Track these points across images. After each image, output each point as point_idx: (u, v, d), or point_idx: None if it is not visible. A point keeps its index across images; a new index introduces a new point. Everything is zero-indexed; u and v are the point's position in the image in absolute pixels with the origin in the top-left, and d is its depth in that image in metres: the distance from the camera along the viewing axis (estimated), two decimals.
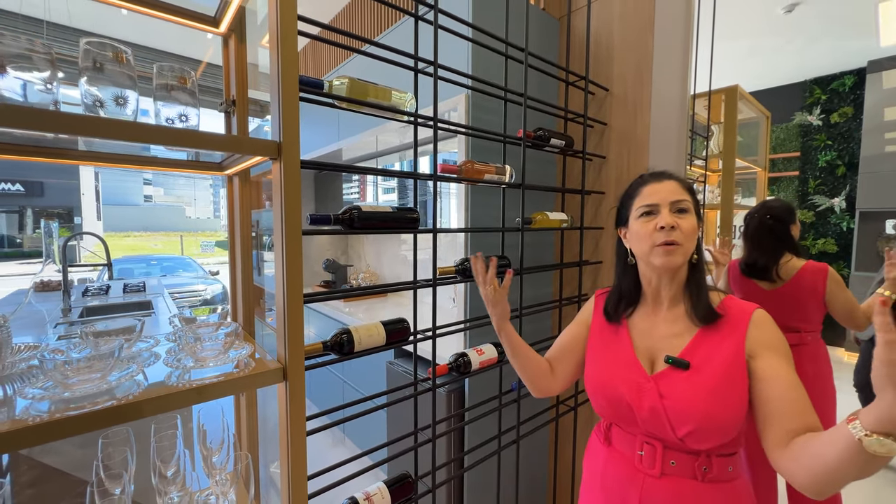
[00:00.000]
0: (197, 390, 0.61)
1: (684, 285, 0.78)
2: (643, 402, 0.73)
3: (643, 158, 1.56)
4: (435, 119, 1.04)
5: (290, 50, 0.64)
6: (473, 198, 1.48)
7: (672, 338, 0.76)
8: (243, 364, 0.70)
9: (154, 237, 20.18)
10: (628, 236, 0.83)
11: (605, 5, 1.62)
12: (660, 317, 0.80)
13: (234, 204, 0.94)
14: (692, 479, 0.71)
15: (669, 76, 1.46)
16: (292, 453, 0.68)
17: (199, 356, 0.69)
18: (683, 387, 0.70)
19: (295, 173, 0.66)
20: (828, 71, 4.28)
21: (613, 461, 0.81)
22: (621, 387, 0.76)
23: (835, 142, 4.35)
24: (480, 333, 1.51)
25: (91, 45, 0.61)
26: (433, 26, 1.02)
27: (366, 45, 1.77)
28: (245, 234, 0.93)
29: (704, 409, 0.67)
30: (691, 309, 0.76)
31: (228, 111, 0.90)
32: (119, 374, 0.61)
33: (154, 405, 0.57)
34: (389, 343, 1.03)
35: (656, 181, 0.79)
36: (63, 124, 0.51)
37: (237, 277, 0.94)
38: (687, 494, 0.71)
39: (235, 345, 0.73)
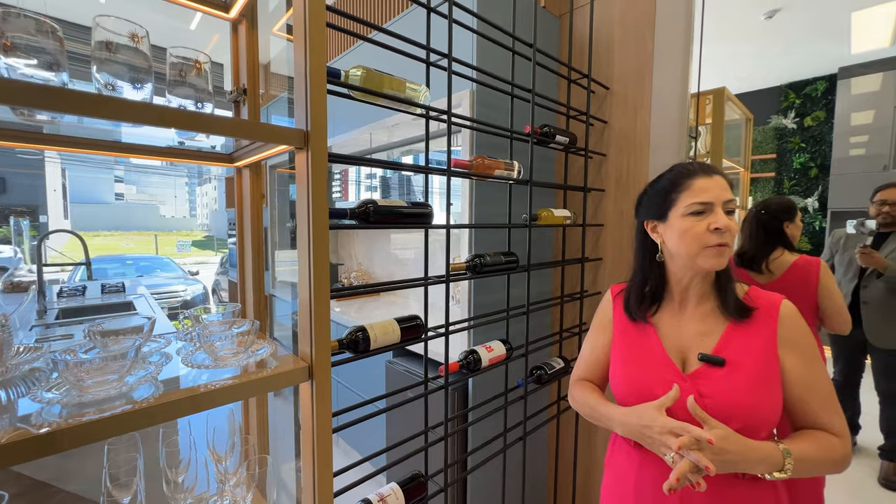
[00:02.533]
0: (224, 391, 0.57)
1: (714, 282, 0.77)
2: (682, 403, 0.71)
3: (643, 157, 1.58)
4: (449, 113, 1.02)
5: (319, 36, 0.62)
6: (478, 193, 1.47)
7: (702, 336, 0.75)
8: (267, 363, 0.67)
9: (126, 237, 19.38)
10: (666, 232, 0.78)
11: (606, 5, 1.64)
12: (686, 314, 0.79)
13: (243, 197, 0.90)
14: (732, 477, 0.70)
15: (669, 76, 1.49)
16: (319, 454, 0.66)
17: (218, 355, 0.66)
18: (723, 384, 0.69)
19: (323, 164, 0.63)
20: (802, 76, 4.47)
21: (648, 464, 0.77)
22: (656, 388, 0.74)
23: (808, 144, 4.54)
24: (480, 332, 1.50)
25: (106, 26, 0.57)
26: (448, 20, 1.00)
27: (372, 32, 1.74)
28: (255, 229, 0.89)
29: (750, 405, 0.67)
30: (722, 305, 0.75)
31: (238, 100, 0.86)
32: (137, 376, 0.57)
33: (180, 407, 0.54)
34: (403, 340, 1.01)
35: (706, 176, 0.74)
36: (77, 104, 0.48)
37: (246, 274, 0.90)
38: (727, 494, 0.70)
39: (256, 343, 0.70)
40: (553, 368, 1.47)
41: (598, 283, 1.74)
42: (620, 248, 1.66)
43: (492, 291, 1.52)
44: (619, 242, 1.67)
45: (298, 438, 1.58)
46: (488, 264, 1.20)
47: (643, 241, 0.84)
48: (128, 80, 0.60)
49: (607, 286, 1.70)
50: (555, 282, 1.83)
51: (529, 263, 1.35)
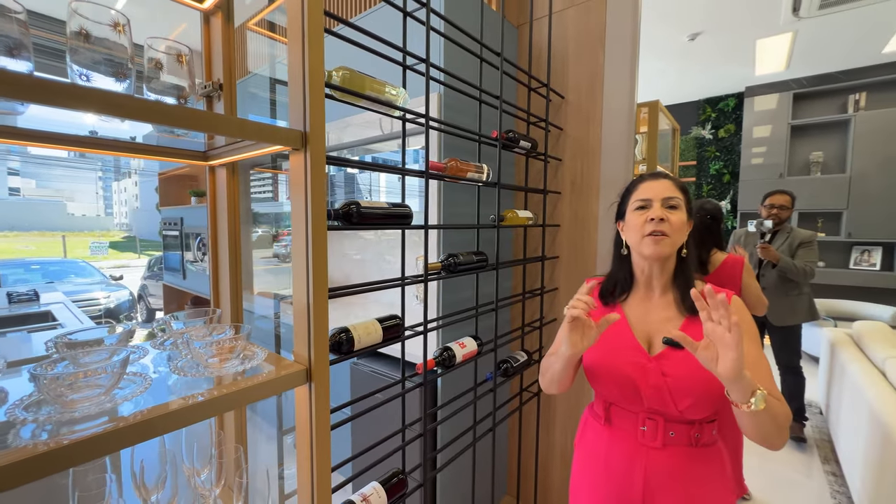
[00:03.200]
0: (221, 399, 0.55)
1: (672, 277, 0.88)
2: (648, 381, 0.81)
3: (595, 162, 1.71)
4: (427, 117, 1.05)
5: (317, 37, 0.62)
6: (445, 195, 1.51)
7: (666, 322, 0.86)
8: (261, 367, 0.65)
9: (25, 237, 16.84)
10: (624, 228, 0.91)
11: (562, 20, 1.75)
12: (653, 302, 0.89)
13: (217, 197, 0.86)
14: (688, 446, 0.82)
15: (618, 88, 1.63)
16: (317, 459, 0.65)
17: (209, 362, 0.63)
18: (682, 365, 0.80)
19: (322, 166, 0.63)
20: (717, 93, 5.04)
21: (617, 439, 0.87)
22: (627, 368, 0.84)
23: (722, 153, 5.14)
24: (447, 330, 1.53)
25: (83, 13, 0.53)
26: (426, 27, 1.02)
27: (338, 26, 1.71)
28: (233, 231, 0.85)
29: (704, 382, 0.77)
30: (681, 299, 0.86)
31: (211, 95, 0.82)
32: (127, 389, 0.53)
33: (177, 419, 0.52)
34: (385, 340, 1.02)
35: (652, 180, 0.88)
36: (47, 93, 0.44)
37: (221, 278, 0.86)
38: (684, 460, 0.82)
39: (247, 348, 0.68)
40: (518, 361, 1.55)
41: (554, 279, 1.86)
42: (575, 246, 1.79)
43: (456, 290, 1.57)
44: (573, 241, 1.79)
45: (282, 443, 1.52)
46: (462, 263, 1.24)
47: (616, 239, 0.96)
48: (104, 73, 0.56)
49: (563, 282, 1.83)
50: (515, 279, 1.92)
51: (498, 262, 1.41)
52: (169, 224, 3.25)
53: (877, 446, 1.69)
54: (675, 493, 0.82)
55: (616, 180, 1.65)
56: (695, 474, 0.82)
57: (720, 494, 0.84)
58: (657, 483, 0.83)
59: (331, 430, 0.71)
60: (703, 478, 0.83)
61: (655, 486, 0.83)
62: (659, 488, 0.83)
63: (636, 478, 0.84)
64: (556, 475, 1.87)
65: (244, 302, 0.94)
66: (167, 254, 3.36)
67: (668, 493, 0.82)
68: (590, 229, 1.74)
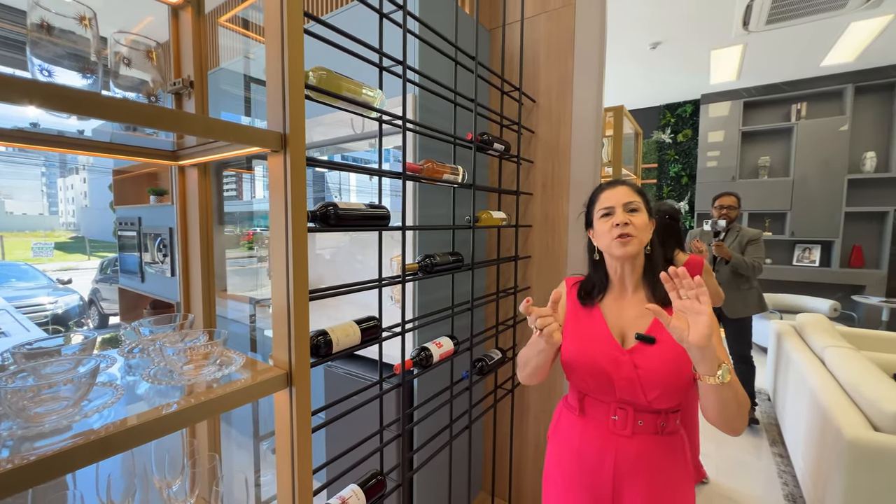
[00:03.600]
0: (200, 407, 0.54)
1: (642, 274, 0.95)
2: (621, 373, 0.87)
3: (565, 165, 1.77)
4: (404, 119, 1.05)
5: (296, 35, 0.61)
6: (420, 196, 1.51)
7: (638, 318, 0.92)
8: (238, 373, 0.64)
9: None
10: (594, 235, 0.97)
11: (533, 25, 1.80)
12: (626, 300, 0.95)
13: (186, 198, 0.83)
14: (654, 434, 0.88)
15: (587, 93, 1.69)
16: (299, 464, 0.65)
17: (183, 369, 0.61)
18: (653, 358, 0.86)
19: (302, 167, 0.63)
20: (676, 99, 5.31)
21: (589, 428, 0.93)
22: (601, 360, 0.89)
23: (680, 157, 5.42)
24: (422, 331, 1.54)
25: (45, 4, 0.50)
26: (402, 29, 1.03)
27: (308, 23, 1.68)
28: (205, 233, 0.82)
29: (669, 375, 0.83)
30: (651, 295, 0.92)
31: (181, 93, 0.79)
32: (97, 401, 0.51)
33: (154, 429, 0.50)
34: (363, 342, 1.02)
35: (611, 188, 0.95)
36: None
37: (193, 282, 0.83)
38: (651, 447, 0.88)
39: (224, 354, 0.66)
40: (493, 359, 1.58)
41: (527, 278, 1.90)
42: (546, 246, 1.84)
43: (430, 291, 1.58)
44: (545, 242, 1.84)
45: (258, 449, 1.47)
46: (439, 264, 1.26)
47: (588, 246, 1.02)
48: (68, 67, 0.53)
49: (535, 281, 1.88)
50: (489, 278, 1.95)
51: (473, 262, 1.44)
52: (125, 224, 3.07)
53: (817, 428, 1.85)
54: (642, 478, 0.88)
55: (585, 182, 1.71)
56: (660, 460, 0.88)
57: (681, 477, 0.91)
58: (626, 468, 0.88)
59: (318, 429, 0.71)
60: (666, 463, 0.89)
61: (624, 471, 0.89)
62: (627, 473, 0.88)
63: (607, 464, 0.90)
64: (529, 468, 1.92)
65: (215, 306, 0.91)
66: (123, 255, 3.17)
67: (635, 477, 0.88)
68: (560, 229, 1.79)
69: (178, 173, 0.83)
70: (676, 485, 0.89)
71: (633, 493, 0.88)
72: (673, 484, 0.89)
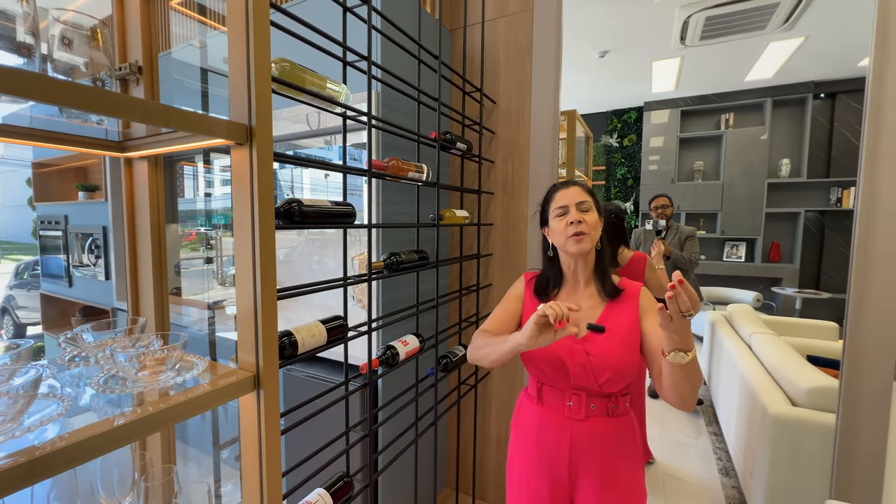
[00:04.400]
0: (161, 415, 0.51)
1: (593, 269, 1.01)
2: (575, 360, 0.93)
3: (525, 165, 1.83)
4: (369, 115, 1.04)
5: (262, 23, 0.59)
6: (382, 194, 1.50)
7: (590, 310, 0.98)
8: (201, 378, 0.60)
9: None
10: (550, 233, 1.02)
11: (493, 28, 1.84)
12: (579, 294, 1.01)
13: (134, 194, 0.76)
14: (605, 417, 0.94)
15: (544, 96, 1.76)
16: (267, 471, 0.62)
17: (137, 376, 0.57)
18: (603, 345, 0.92)
19: (269, 162, 0.60)
20: (622, 105, 5.64)
21: (547, 415, 0.99)
22: (558, 350, 0.94)
23: (626, 160, 5.77)
24: (386, 330, 1.53)
25: None
26: (367, 24, 1.01)
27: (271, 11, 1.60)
28: (157, 231, 0.76)
29: (618, 359, 0.90)
30: (601, 288, 0.99)
31: (127, 78, 0.73)
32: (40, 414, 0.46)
33: (109, 441, 0.46)
34: (329, 342, 0.99)
35: (565, 188, 1.00)
36: None
37: (143, 283, 0.77)
38: (602, 429, 0.94)
39: (184, 358, 0.62)
40: (457, 356, 1.60)
41: (488, 276, 1.95)
42: (507, 244, 1.89)
43: (394, 290, 1.57)
44: (506, 239, 1.89)
45: (218, 458, 1.38)
46: (404, 262, 1.25)
47: (544, 243, 1.07)
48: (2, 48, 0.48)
49: (497, 278, 1.93)
50: (451, 276, 1.97)
51: (438, 260, 1.45)
52: (48, 223, 2.76)
53: (745, 407, 2.05)
54: (595, 457, 0.94)
55: (543, 182, 1.78)
56: (611, 440, 0.96)
57: (632, 455, 0.98)
58: (580, 450, 0.95)
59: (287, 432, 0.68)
60: (617, 443, 0.96)
61: (579, 452, 0.95)
62: (582, 454, 0.95)
63: (563, 447, 0.96)
64: (492, 461, 1.97)
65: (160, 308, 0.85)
66: (45, 258, 2.85)
67: (589, 457, 0.95)
68: (520, 227, 1.85)
69: (125, 166, 0.76)
70: (627, 462, 0.97)
71: (587, 473, 0.95)
72: (624, 461, 0.96)
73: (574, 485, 0.97)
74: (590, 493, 0.95)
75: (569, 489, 0.98)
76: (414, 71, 1.43)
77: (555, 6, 1.71)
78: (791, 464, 1.63)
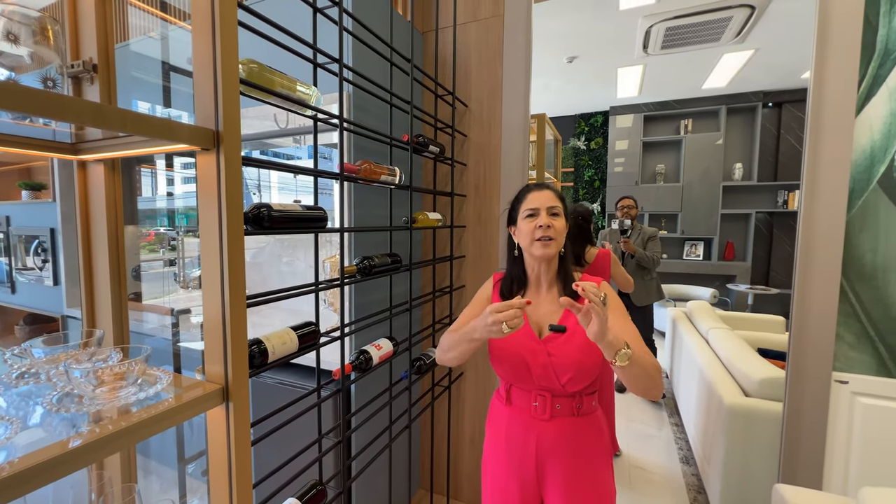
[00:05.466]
0: (119, 435, 0.48)
1: (556, 273, 1.03)
2: (537, 361, 0.95)
3: (496, 168, 1.86)
4: (341, 118, 1.03)
5: (230, 23, 0.57)
6: (355, 197, 1.48)
7: (553, 312, 1.00)
8: (165, 392, 0.58)
9: None
10: (516, 233, 1.03)
11: (465, 32, 1.86)
12: (542, 296, 1.03)
13: (89, 198, 0.72)
14: (571, 416, 0.97)
15: (515, 100, 1.80)
16: (238, 486, 0.61)
17: (95, 393, 0.54)
18: (564, 346, 0.95)
19: (237, 166, 0.59)
20: (589, 109, 5.82)
21: (515, 416, 1.01)
22: (522, 351, 0.97)
23: (593, 162, 5.95)
24: (359, 334, 1.52)
25: None
26: (338, 27, 1.00)
27: None
28: (115, 237, 0.72)
29: (578, 359, 0.93)
30: (562, 290, 1.01)
31: (80, 77, 0.68)
32: None
33: (62, 465, 0.43)
34: (301, 349, 0.97)
35: (538, 190, 1.02)
36: None
37: (100, 292, 0.72)
38: (568, 428, 0.97)
39: (147, 372, 0.59)
40: (430, 358, 1.61)
41: (462, 277, 1.96)
42: (480, 246, 1.91)
43: (367, 293, 1.55)
44: (478, 241, 1.92)
45: (184, 474, 1.31)
46: (377, 265, 1.25)
47: (509, 242, 1.08)
48: None
49: (469, 280, 1.94)
50: (425, 278, 1.98)
51: (411, 262, 1.45)
52: None
53: (703, 398, 2.17)
54: (560, 457, 0.97)
55: (514, 184, 1.81)
56: (577, 439, 0.98)
57: (598, 453, 1.01)
58: (546, 449, 0.97)
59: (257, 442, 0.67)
60: (583, 441, 0.99)
61: (545, 452, 0.97)
62: (548, 454, 0.97)
63: (530, 447, 0.98)
64: (466, 461, 1.99)
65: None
66: None
67: (555, 456, 0.97)
68: (492, 229, 1.88)
69: (79, 168, 0.71)
70: (594, 460, 0.99)
71: (554, 472, 0.97)
72: (590, 459, 0.99)
73: (542, 483, 1.00)
74: (557, 492, 0.97)
75: (537, 488, 1.00)
76: (386, 73, 1.42)
77: (525, 12, 1.75)
78: (744, 451, 1.74)
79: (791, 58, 3.90)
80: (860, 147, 1.31)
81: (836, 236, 1.33)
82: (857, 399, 1.33)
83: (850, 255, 1.33)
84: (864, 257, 1.31)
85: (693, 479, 2.23)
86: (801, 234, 1.37)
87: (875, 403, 1.31)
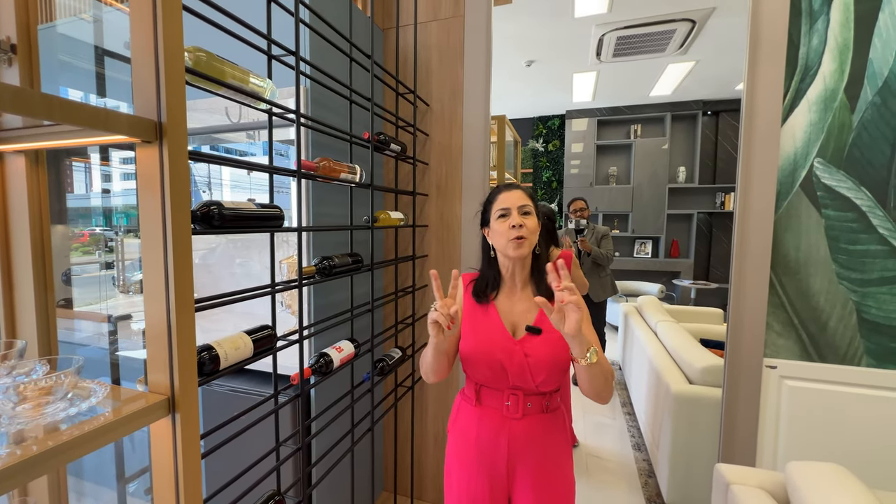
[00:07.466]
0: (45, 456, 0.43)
1: (530, 273, 1.05)
2: (513, 361, 0.96)
3: (457, 167, 1.87)
4: (298, 113, 0.99)
5: (174, 2, 0.53)
6: (314, 195, 1.44)
7: (526, 312, 1.01)
8: (101, 406, 0.53)
9: None
10: (490, 234, 1.04)
11: (426, 30, 1.85)
12: (517, 296, 1.04)
13: (6, 194, 0.64)
14: (540, 413, 0.99)
15: (476, 101, 1.81)
16: (187, 499, 0.57)
17: (16, 411, 0.48)
18: (539, 346, 0.96)
19: (183, 162, 0.55)
20: (547, 112, 6.01)
21: (485, 416, 1.01)
22: (497, 352, 0.97)
23: (551, 164, 6.15)
24: (319, 336, 1.47)
25: None
26: (295, 18, 0.96)
27: None
28: (39, 237, 0.64)
29: (552, 359, 0.95)
30: (536, 291, 1.03)
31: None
32: None
33: None
34: (256, 354, 0.93)
35: (508, 191, 1.03)
36: None
37: (21, 299, 0.64)
38: (537, 425, 0.99)
39: (79, 385, 0.54)
40: (393, 358, 1.59)
41: (424, 277, 1.96)
42: (442, 245, 1.92)
43: (327, 294, 1.51)
44: (441, 240, 1.92)
45: (124, 494, 1.20)
46: (337, 266, 1.21)
47: (483, 243, 1.08)
48: None
49: None
50: (387, 278, 1.95)
51: (373, 262, 1.42)
52: None
53: (652, 387, 2.30)
54: (531, 454, 0.99)
55: (475, 184, 1.83)
56: (545, 436, 1.00)
57: (563, 448, 1.04)
58: (517, 448, 0.99)
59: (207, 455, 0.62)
60: (551, 438, 1.01)
61: (516, 451, 0.99)
62: (519, 453, 0.99)
63: (501, 446, 0.99)
64: (430, 462, 1.99)
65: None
66: None
67: (526, 454, 0.99)
68: (454, 229, 1.89)
69: None
70: (559, 454, 1.03)
71: (524, 469, 0.99)
72: (556, 454, 1.02)
73: (511, 481, 1.01)
74: (527, 488, 0.99)
75: (507, 486, 1.01)
76: (345, 69, 1.39)
77: (485, 14, 1.77)
78: (689, 435, 1.87)
79: (726, 70, 4.23)
80: (785, 153, 1.44)
81: (765, 234, 1.45)
82: (785, 382, 1.46)
83: (777, 251, 1.46)
84: (789, 254, 1.45)
85: (644, 465, 2.36)
86: (737, 232, 1.49)
87: (799, 385, 1.45)
